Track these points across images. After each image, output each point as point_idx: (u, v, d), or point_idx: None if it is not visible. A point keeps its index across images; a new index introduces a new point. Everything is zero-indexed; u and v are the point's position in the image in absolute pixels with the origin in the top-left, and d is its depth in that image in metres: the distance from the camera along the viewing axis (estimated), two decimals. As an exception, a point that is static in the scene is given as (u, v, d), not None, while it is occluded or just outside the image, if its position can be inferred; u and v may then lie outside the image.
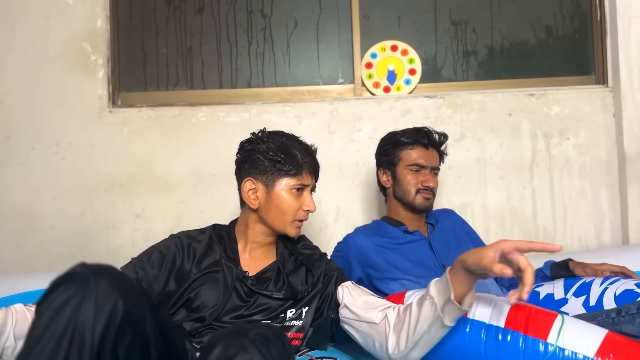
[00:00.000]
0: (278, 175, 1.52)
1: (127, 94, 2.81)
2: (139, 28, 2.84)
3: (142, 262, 1.52)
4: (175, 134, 2.71)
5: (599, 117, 2.72)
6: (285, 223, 1.54)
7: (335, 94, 2.81)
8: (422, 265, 1.87)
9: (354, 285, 1.55)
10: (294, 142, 1.57)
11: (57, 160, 2.68)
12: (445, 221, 2.09)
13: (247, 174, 1.55)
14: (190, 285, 1.48)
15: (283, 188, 1.52)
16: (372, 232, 1.99)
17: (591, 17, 2.84)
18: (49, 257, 2.66)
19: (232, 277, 1.49)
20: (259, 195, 1.53)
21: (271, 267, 1.56)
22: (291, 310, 1.49)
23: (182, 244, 1.55)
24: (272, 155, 1.52)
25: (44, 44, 2.71)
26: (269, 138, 1.55)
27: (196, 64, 2.84)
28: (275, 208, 1.52)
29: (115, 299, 1.01)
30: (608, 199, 2.70)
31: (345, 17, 2.83)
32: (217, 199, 2.68)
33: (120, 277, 1.07)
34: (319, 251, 1.65)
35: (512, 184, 2.70)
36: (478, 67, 2.86)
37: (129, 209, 2.69)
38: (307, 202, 1.55)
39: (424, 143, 2.02)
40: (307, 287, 1.52)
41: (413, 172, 2.01)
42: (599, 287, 1.78)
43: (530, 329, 1.33)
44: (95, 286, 1.01)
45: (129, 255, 2.64)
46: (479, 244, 2.12)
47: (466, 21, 2.85)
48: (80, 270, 1.05)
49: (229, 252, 1.55)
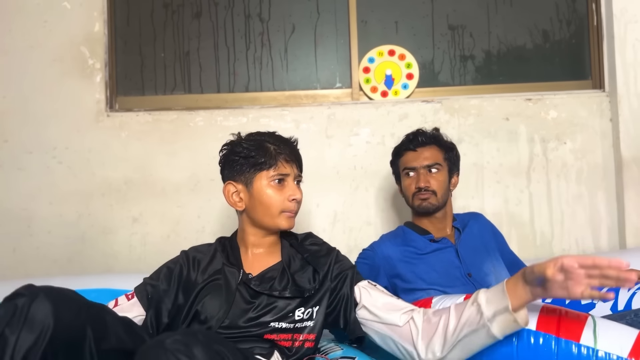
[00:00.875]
0: (254, 171, 1.51)
1: (125, 98, 2.81)
2: (137, 32, 2.84)
3: (152, 280, 1.53)
4: (173, 138, 2.70)
5: (596, 122, 2.72)
6: (274, 217, 1.52)
7: (333, 98, 2.81)
8: (448, 275, 1.87)
9: (371, 284, 1.53)
10: (267, 136, 1.56)
11: (54, 165, 2.68)
12: (473, 226, 2.06)
13: (226, 178, 1.57)
14: (196, 297, 1.47)
15: (262, 183, 1.51)
16: (399, 240, 1.98)
17: (588, 22, 2.85)
18: (45, 262, 2.65)
19: (235, 281, 1.48)
20: (242, 196, 1.53)
21: (275, 267, 1.54)
22: (300, 309, 1.46)
23: (187, 257, 1.56)
24: (245, 152, 1.52)
25: (41, 48, 2.71)
26: (242, 139, 1.58)
27: (194, 69, 2.84)
28: (259, 205, 1.51)
29: (46, 319, 1.08)
30: (605, 204, 2.71)
31: (342, 22, 2.83)
32: (215, 204, 2.67)
33: (59, 297, 1.13)
34: (326, 247, 1.62)
35: (510, 189, 2.70)
36: (475, 71, 2.87)
37: (126, 213, 2.68)
38: (290, 191, 1.52)
39: (410, 147, 2.02)
40: (314, 285, 1.48)
41: (408, 177, 2.02)
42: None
43: (562, 331, 1.32)
44: (28, 307, 1.09)
45: (126, 259, 2.67)
46: (506, 251, 2.10)
47: (463, 26, 2.86)
48: (21, 291, 1.13)
49: (232, 258, 1.54)
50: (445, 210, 2.02)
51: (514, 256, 2.13)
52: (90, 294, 2.17)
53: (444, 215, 2.03)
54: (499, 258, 2.01)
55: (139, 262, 2.67)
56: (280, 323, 1.44)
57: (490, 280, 1.88)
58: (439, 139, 2.04)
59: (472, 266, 1.90)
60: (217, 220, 2.65)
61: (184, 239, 2.67)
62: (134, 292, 1.48)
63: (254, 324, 1.43)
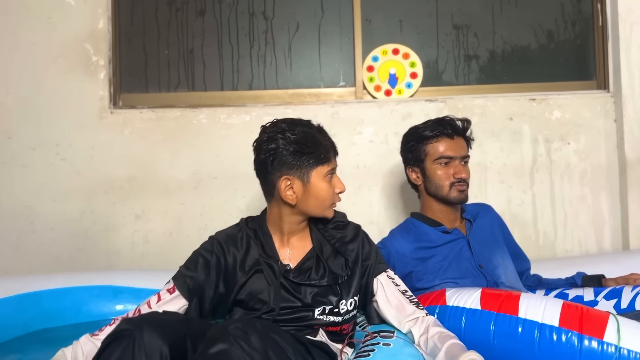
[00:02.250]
0: (312, 166, 1.51)
1: (128, 95, 2.81)
2: (141, 30, 2.84)
3: (190, 271, 1.51)
4: (176, 136, 2.70)
5: (600, 123, 2.71)
6: (325, 209, 1.56)
7: (337, 96, 2.81)
8: (460, 268, 1.85)
9: (389, 280, 1.60)
10: (311, 128, 1.55)
11: (57, 162, 2.68)
12: (484, 217, 2.02)
13: (280, 172, 1.51)
14: (239, 289, 1.51)
15: (318, 178, 1.52)
16: (410, 236, 1.94)
17: (593, 22, 2.84)
18: (48, 258, 2.66)
19: (274, 274, 1.51)
20: (296, 190, 1.52)
21: (310, 255, 1.57)
22: (342, 301, 1.52)
23: (221, 247, 1.55)
24: (300, 147, 1.50)
25: (45, 45, 2.72)
26: (284, 131, 1.52)
27: (197, 66, 2.84)
28: (314, 199, 1.52)
29: (160, 346, 1.17)
30: (608, 205, 2.70)
31: (347, 20, 2.83)
32: (217, 202, 2.67)
33: (159, 323, 1.22)
34: (351, 227, 1.66)
35: (513, 189, 2.70)
36: (479, 71, 2.86)
37: (129, 210, 2.69)
38: (338, 184, 1.56)
39: (448, 133, 1.91)
40: (347, 272, 1.55)
41: (443, 166, 1.91)
42: (630, 292, 1.78)
43: (586, 327, 1.33)
44: (141, 340, 1.17)
45: (128, 256, 2.68)
46: (510, 243, 2.08)
47: (468, 25, 2.85)
48: (124, 327, 1.20)
49: (267, 249, 1.55)
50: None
51: (517, 248, 2.12)
52: (93, 291, 2.20)
53: (457, 207, 1.99)
54: (506, 250, 2.00)
55: (141, 259, 2.67)
56: (329, 317, 1.51)
57: (499, 272, 1.87)
58: (466, 132, 1.98)
59: (483, 258, 1.89)
60: (220, 218, 2.65)
61: (186, 236, 2.67)
62: (175, 285, 1.48)
63: (299, 316, 1.49)
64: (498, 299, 1.52)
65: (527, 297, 1.47)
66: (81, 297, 2.16)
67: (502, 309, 1.48)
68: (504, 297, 1.51)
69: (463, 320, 1.54)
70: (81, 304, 2.15)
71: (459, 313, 1.56)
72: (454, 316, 1.57)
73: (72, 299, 2.15)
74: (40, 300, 2.11)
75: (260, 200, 2.65)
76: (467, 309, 1.55)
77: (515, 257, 2.05)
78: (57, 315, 2.12)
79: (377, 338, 1.47)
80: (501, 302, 1.49)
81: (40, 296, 2.12)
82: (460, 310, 1.56)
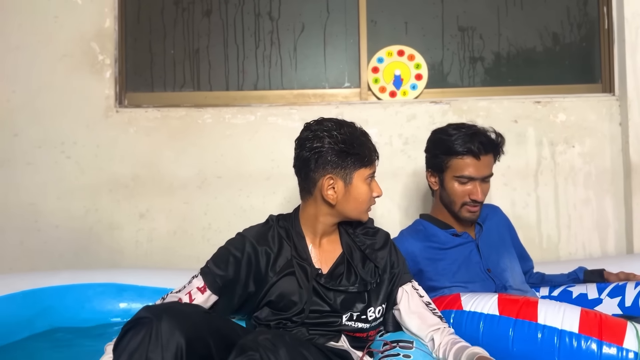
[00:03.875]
0: (355, 167, 1.51)
1: (134, 95, 2.82)
2: (147, 29, 2.85)
3: (219, 269, 1.49)
4: (181, 135, 2.71)
5: (605, 126, 2.71)
6: (362, 212, 1.56)
7: (341, 97, 2.81)
8: (469, 271, 1.85)
9: (413, 290, 1.61)
10: (356, 129, 1.55)
11: (62, 160, 2.69)
12: (492, 220, 2.01)
13: (323, 170, 1.51)
14: (269, 289, 1.50)
15: (360, 180, 1.52)
16: (420, 236, 1.93)
17: (599, 25, 2.83)
18: (52, 256, 2.67)
19: (307, 277, 1.51)
20: (337, 190, 1.52)
21: (340, 260, 1.58)
22: (370, 308, 1.53)
23: (253, 246, 1.53)
24: (346, 148, 1.49)
25: (51, 44, 2.73)
26: (330, 130, 1.51)
27: (203, 66, 2.85)
28: (354, 200, 1.53)
29: (178, 338, 1.17)
30: (613, 208, 2.69)
31: (352, 22, 2.83)
32: (221, 201, 2.68)
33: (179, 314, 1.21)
34: (381, 235, 1.66)
35: (517, 191, 2.69)
36: (484, 73, 2.86)
37: (133, 209, 2.70)
38: (376, 188, 1.57)
39: (474, 152, 1.82)
40: (375, 279, 1.56)
41: (461, 185, 1.86)
42: (633, 289, 1.79)
43: (605, 334, 1.33)
44: (159, 329, 1.17)
45: (132, 255, 2.68)
46: (517, 244, 2.08)
47: (473, 27, 2.85)
48: (143, 315, 1.20)
49: (300, 250, 1.55)
50: None
51: (522, 248, 2.12)
52: (97, 289, 2.21)
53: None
54: (514, 252, 1.99)
55: (145, 257, 2.68)
56: (357, 323, 1.52)
57: (507, 276, 1.87)
58: (498, 148, 1.89)
59: (491, 262, 1.89)
60: (224, 218, 2.65)
61: (190, 235, 2.68)
62: (206, 285, 1.46)
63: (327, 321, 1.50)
64: (516, 304, 1.52)
65: (546, 303, 1.48)
66: (85, 295, 2.17)
67: (521, 314, 1.49)
68: (522, 303, 1.52)
69: (481, 325, 1.55)
70: (85, 301, 2.16)
71: (476, 318, 1.57)
72: (471, 321, 1.57)
73: (76, 296, 2.16)
74: (45, 297, 2.12)
75: (264, 200, 2.67)
76: (485, 315, 1.56)
77: (520, 257, 2.05)
78: (61, 313, 2.13)
79: (397, 349, 1.46)
80: (519, 308, 1.50)
81: (45, 293, 2.12)
82: (477, 316, 1.57)
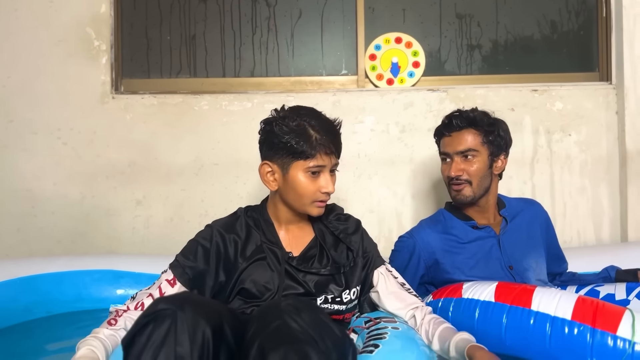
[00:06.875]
0: (292, 158, 1.47)
1: (130, 81, 2.81)
2: (143, 15, 2.83)
3: (188, 261, 1.49)
4: (178, 122, 2.71)
5: (602, 114, 2.71)
6: (305, 205, 1.52)
7: (339, 85, 2.80)
8: (488, 267, 1.79)
9: (388, 272, 1.63)
10: (312, 119, 1.49)
11: (58, 146, 2.69)
12: (524, 215, 1.91)
13: (264, 156, 1.53)
14: (240, 276, 1.49)
15: (298, 172, 1.49)
16: (439, 227, 1.86)
17: (597, 13, 2.83)
18: (49, 242, 2.67)
19: (278, 260, 1.52)
20: (277, 178, 1.52)
21: (312, 244, 1.58)
22: (346, 291, 1.54)
23: (221, 235, 1.54)
24: (286, 138, 1.47)
25: (47, 29, 2.71)
26: (285, 118, 1.50)
27: (199, 52, 2.83)
28: (292, 191, 1.51)
29: (203, 327, 1.11)
30: (608, 197, 2.71)
31: (350, 8, 2.82)
32: (218, 188, 2.68)
33: (199, 303, 1.16)
34: (352, 221, 1.68)
35: (513, 179, 2.70)
36: (482, 61, 2.85)
37: (129, 195, 2.70)
38: (323, 182, 1.50)
39: (445, 133, 1.85)
40: (349, 262, 1.57)
41: (444, 163, 1.86)
42: None
43: (599, 322, 1.31)
44: (184, 320, 1.10)
45: (129, 241, 2.69)
46: (553, 245, 2.00)
47: (471, 15, 2.84)
48: (164, 306, 1.12)
49: (269, 235, 1.55)
50: (488, 198, 1.86)
51: (559, 249, 2.04)
52: (94, 275, 2.21)
53: (487, 203, 1.87)
54: (543, 254, 1.91)
55: (141, 244, 2.69)
56: (332, 305, 1.52)
57: (529, 275, 1.81)
58: (475, 121, 1.83)
59: (513, 259, 1.81)
60: (220, 205, 2.66)
61: (187, 222, 2.68)
62: (175, 276, 1.46)
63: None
64: (512, 291, 1.50)
65: (542, 290, 1.45)
66: (82, 281, 2.18)
67: (515, 301, 1.47)
68: (518, 290, 1.50)
69: (477, 312, 1.54)
70: (82, 287, 2.17)
71: (472, 305, 1.56)
72: (468, 308, 1.56)
73: (73, 282, 2.17)
74: (41, 283, 2.12)
75: (261, 187, 2.67)
76: (481, 302, 1.54)
77: (556, 258, 2.00)
78: (58, 299, 2.13)
79: (382, 323, 1.49)
80: (515, 295, 1.48)
81: (41, 279, 2.13)
82: (474, 303, 1.56)
